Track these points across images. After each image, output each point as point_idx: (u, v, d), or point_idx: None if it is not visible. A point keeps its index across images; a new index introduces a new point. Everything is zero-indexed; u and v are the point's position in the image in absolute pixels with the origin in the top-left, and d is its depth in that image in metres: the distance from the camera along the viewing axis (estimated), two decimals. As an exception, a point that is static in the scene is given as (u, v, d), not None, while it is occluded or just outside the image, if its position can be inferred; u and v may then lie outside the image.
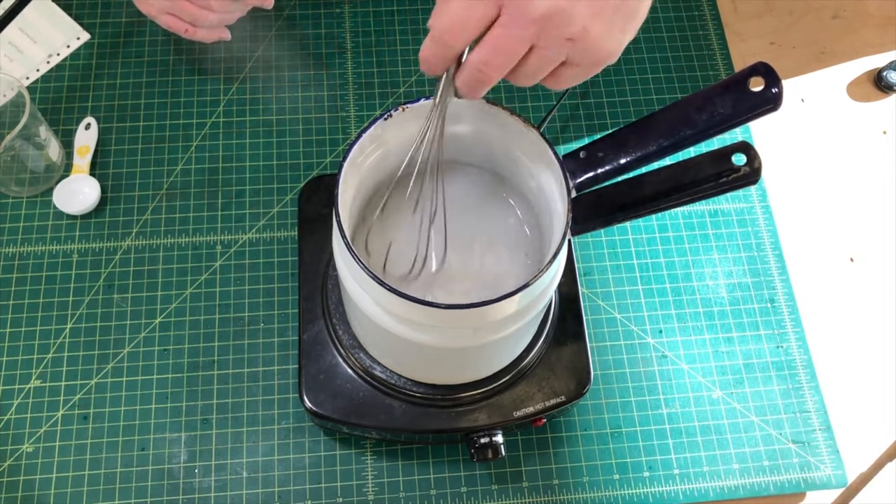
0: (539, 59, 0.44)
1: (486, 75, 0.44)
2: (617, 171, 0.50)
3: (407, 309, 0.49)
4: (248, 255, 0.71)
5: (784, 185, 0.78)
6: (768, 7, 0.87)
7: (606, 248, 0.73)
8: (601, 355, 0.69)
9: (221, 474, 0.64)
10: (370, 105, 0.78)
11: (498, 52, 0.43)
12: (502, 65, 0.44)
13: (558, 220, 0.51)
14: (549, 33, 0.42)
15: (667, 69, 0.81)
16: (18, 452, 0.64)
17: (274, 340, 0.68)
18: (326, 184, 0.69)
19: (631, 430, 0.67)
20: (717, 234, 0.75)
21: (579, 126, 0.78)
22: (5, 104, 0.70)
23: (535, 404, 0.61)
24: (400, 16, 0.83)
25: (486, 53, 0.43)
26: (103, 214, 0.72)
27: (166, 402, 0.66)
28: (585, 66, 0.45)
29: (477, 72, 0.44)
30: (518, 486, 0.65)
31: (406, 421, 0.61)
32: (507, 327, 0.52)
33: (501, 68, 0.44)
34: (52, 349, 0.67)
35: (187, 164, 0.75)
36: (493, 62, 0.44)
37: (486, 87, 0.45)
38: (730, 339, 0.71)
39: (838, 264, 0.75)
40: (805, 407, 0.68)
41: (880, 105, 0.82)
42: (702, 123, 0.48)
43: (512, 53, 0.43)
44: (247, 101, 0.78)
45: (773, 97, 0.45)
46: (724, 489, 0.65)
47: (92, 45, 0.80)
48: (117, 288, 0.70)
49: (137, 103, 0.77)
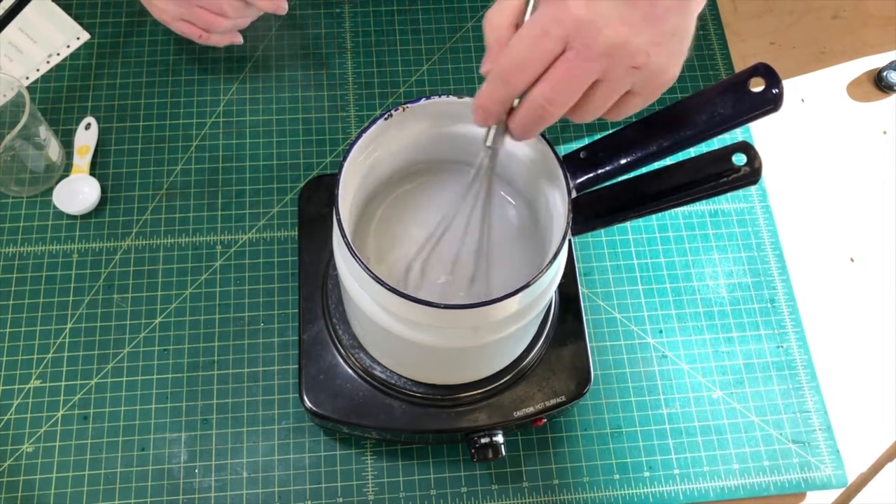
0: (605, 92, 0.43)
1: (548, 112, 0.43)
2: (617, 172, 0.51)
3: (407, 309, 0.49)
4: (248, 255, 0.71)
5: (784, 185, 0.78)
6: (768, 7, 0.87)
7: (606, 248, 0.73)
8: (601, 355, 0.69)
9: (221, 474, 0.64)
10: (370, 105, 0.78)
11: (564, 89, 0.42)
12: (567, 101, 0.43)
13: (558, 221, 0.51)
14: (616, 65, 0.42)
15: (667, 69, 0.81)
16: (18, 452, 0.64)
17: (274, 340, 0.68)
18: (326, 184, 0.69)
19: (631, 430, 0.67)
20: (717, 234, 0.75)
21: (579, 126, 0.78)
22: (5, 104, 0.70)
23: (535, 404, 0.61)
24: (400, 16, 0.83)
25: (551, 90, 0.42)
26: (103, 214, 0.72)
27: (166, 402, 0.66)
28: (648, 94, 0.45)
29: (539, 109, 0.43)
30: (518, 486, 0.65)
31: (406, 421, 0.61)
32: (507, 327, 0.52)
33: (565, 104, 0.43)
34: (52, 349, 0.67)
35: (187, 164, 0.75)
36: (559, 99, 0.43)
37: (545, 125, 0.44)
38: (730, 339, 0.71)
39: (838, 264, 0.75)
40: (805, 407, 0.68)
41: (880, 105, 0.82)
42: (702, 124, 0.47)
43: (578, 88, 0.42)
44: (247, 101, 0.78)
45: (774, 98, 0.45)
46: (725, 489, 0.65)
47: (92, 45, 0.80)
48: (117, 288, 0.70)
49: (137, 103, 0.77)
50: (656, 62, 0.43)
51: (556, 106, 0.43)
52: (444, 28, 0.82)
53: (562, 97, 0.43)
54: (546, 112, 0.43)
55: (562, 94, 0.42)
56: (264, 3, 0.68)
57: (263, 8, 0.69)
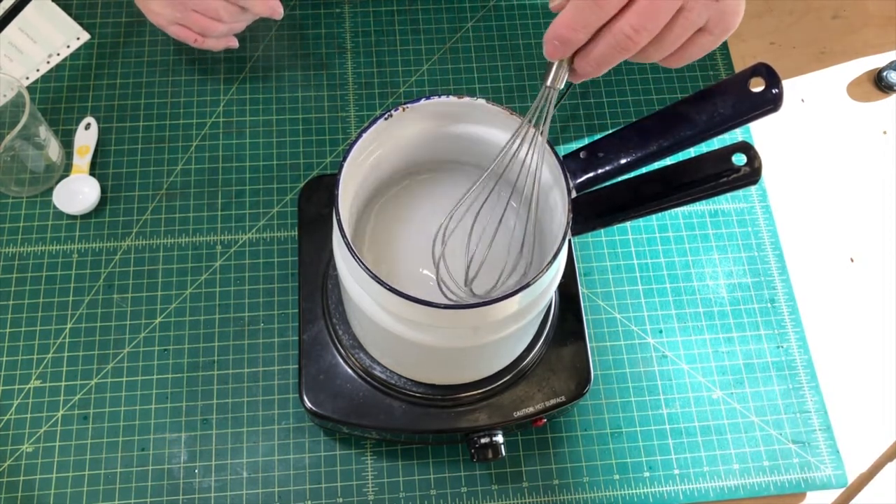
0: (684, 23, 0.43)
1: (633, 42, 0.43)
2: (617, 172, 0.51)
3: (407, 309, 0.49)
4: (248, 255, 0.71)
5: (784, 185, 0.78)
6: (768, 7, 0.87)
7: (606, 248, 0.73)
8: (601, 355, 0.69)
9: (221, 474, 0.64)
10: (370, 105, 0.78)
11: (652, 16, 0.42)
12: (654, 29, 0.43)
13: (558, 221, 0.51)
14: None
15: (667, 69, 0.81)
16: (18, 452, 0.64)
17: (274, 340, 0.68)
18: (326, 184, 0.69)
19: (631, 430, 0.67)
20: (717, 234, 0.75)
21: (579, 126, 0.78)
22: (5, 104, 0.69)
23: (535, 404, 0.61)
24: (400, 16, 0.83)
25: (639, 18, 0.42)
26: (103, 214, 0.72)
27: (166, 402, 0.66)
28: (718, 33, 0.46)
29: (625, 39, 0.42)
30: (518, 486, 0.65)
31: (406, 421, 0.61)
32: (507, 327, 0.52)
33: (652, 33, 0.43)
34: (52, 349, 0.67)
35: (187, 164, 0.75)
36: (647, 26, 0.42)
37: (624, 57, 0.44)
38: (730, 339, 0.71)
39: (838, 264, 0.75)
40: (805, 407, 0.68)
41: (880, 105, 0.82)
42: (702, 124, 0.48)
43: (664, 16, 0.42)
44: (247, 101, 0.78)
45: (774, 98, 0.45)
46: (724, 489, 0.65)
47: (92, 45, 0.80)
48: (117, 288, 0.70)
49: (137, 103, 0.77)
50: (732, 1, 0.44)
51: (642, 35, 0.43)
52: (444, 28, 0.82)
53: (650, 24, 0.42)
54: (631, 42, 0.43)
55: (650, 21, 0.42)
56: (260, 8, 0.68)
57: (259, 12, 0.69)
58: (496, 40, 0.82)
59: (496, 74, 0.80)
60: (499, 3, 0.84)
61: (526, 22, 0.83)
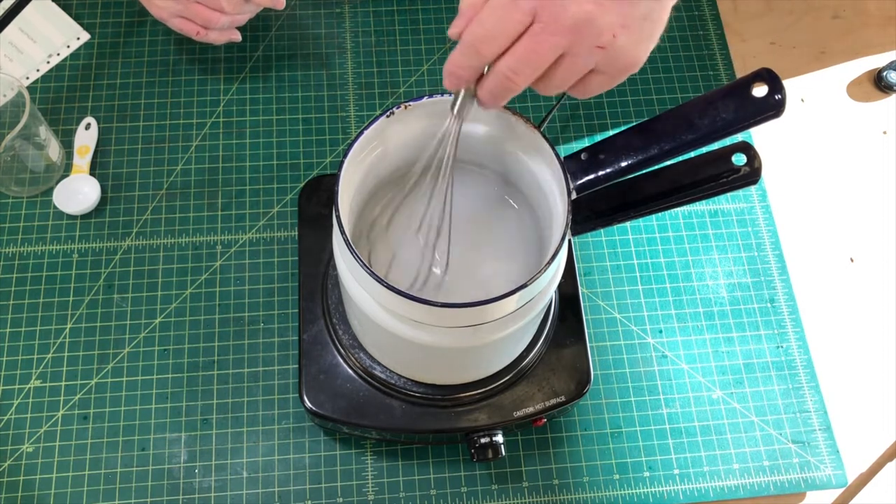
0: (569, 67, 0.44)
1: (513, 83, 0.44)
2: (618, 174, 0.50)
3: (407, 308, 0.49)
4: (248, 255, 0.71)
5: (784, 185, 0.78)
6: (768, 7, 0.87)
7: (606, 248, 0.73)
8: (601, 355, 0.69)
9: (221, 474, 0.64)
10: (370, 105, 0.78)
11: (529, 61, 0.43)
12: (532, 73, 0.44)
13: (558, 221, 0.51)
14: (580, 41, 0.43)
15: (667, 69, 0.81)
16: (18, 452, 0.64)
17: (274, 340, 0.68)
18: (326, 184, 0.69)
19: (631, 430, 0.67)
20: (717, 234, 0.75)
21: (579, 126, 0.78)
22: (5, 104, 0.70)
23: (535, 404, 0.61)
24: (400, 16, 0.83)
25: (516, 62, 0.44)
26: (103, 214, 0.72)
27: (166, 402, 0.66)
28: (612, 74, 0.46)
29: (505, 79, 0.44)
30: (518, 486, 0.65)
31: (406, 421, 0.61)
32: (506, 327, 0.52)
33: (530, 76, 0.44)
34: (52, 349, 0.67)
35: (187, 164, 0.75)
36: (524, 70, 0.44)
37: (511, 94, 0.45)
38: (730, 339, 0.71)
39: (838, 264, 0.75)
40: (805, 407, 0.68)
41: (880, 105, 0.82)
42: (704, 128, 0.47)
43: (542, 61, 0.44)
44: (247, 101, 0.78)
45: (777, 103, 0.45)
46: (724, 489, 0.65)
47: (92, 45, 0.80)
48: (117, 288, 0.70)
49: (137, 103, 0.77)
50: (622, 44, 0.44)
51: (521, 77, 0.44)
52: (444, 28, 0.82)
53: (527, 69, 0.44)
54: (511, 83, 0.44)
55: (527, 66, 0.44)
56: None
57: (262, 2, 0.69)
58: (496, 40, 0.82)
59: (496, 74, 0.80)
60: (499, 3, 0.84)
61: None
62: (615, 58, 0.44)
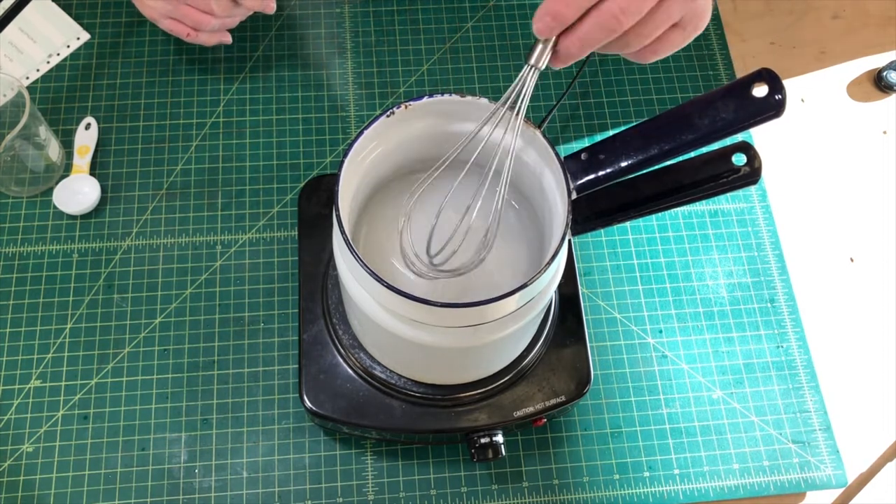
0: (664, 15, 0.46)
1: (619, 23, 0.44)
2: (618, 174, 0.50)
3: (407, 308, 0.49)
4: (248, 255, 0.71)
5: (784, 185, 0.78)
6: (768, 7, 0.87)
7: (606, 248, 0.73)
8: (601, 355, 0.69)
9: (221, 474, 0.64)
10: (370, 105, 0.78)
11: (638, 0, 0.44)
12: (638, 13, 0.45)
13: (558, 221, 0.51)
14: None
15: (667, 69, 0.81)
16: (18, 452, 0.64)
17: (274, 340, 0.68)
18: (326, 184, 0.69)
19: (631, 430, 0.67)
20: (717, 234, 0.75)
21: (579, 126, 0.78)
22: (5, 104, 0.69)
23: (535, 404, 0.61)
24: (400, 16, 0.83)
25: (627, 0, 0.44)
26: (103, 214, 0.72)
27: (166, 402, 0.66)
28: (689, 32, 0.48)
29: (611, 18, 0.44)
30: (518, 486, 0.65)
31: (406, 421, 0.61)
32: (506, 327, 0.52)
33: (637, 16, 0.45)
34: (52, 349, 0.67)
35: (187, 164, 0.75)
36: (633, 9, 0.44)
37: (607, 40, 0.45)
38: (730, 339, 0.71)
39: (838, 264, 0.75)
40: (805, 407, 0.68)
41: (880, 105, 0.82)
42: (704, 128, 0.47)
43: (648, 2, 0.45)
44: (247, 101, 0.78)
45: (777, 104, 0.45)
46: (724, 489, 0.65)
47: (92, 45, 0.80)
48: (117, 288, 0.70)
49: (137, 103, 0.77)
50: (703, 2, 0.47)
51: (628, 16, 0.44)
52: (444, 28, 0.82)
53: (636, 8, 0.44)
54: (617, 22, 0.44)
55: (636, 4, 0.44)
56: (252, 2, 0.68)
57: (251, 7, 0.69)
58: (496, 40, 0.82)
59: (496, 74, 0.80)
60: (499, 3, 0.84)
61: (526, 22, 0.83)
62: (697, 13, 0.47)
